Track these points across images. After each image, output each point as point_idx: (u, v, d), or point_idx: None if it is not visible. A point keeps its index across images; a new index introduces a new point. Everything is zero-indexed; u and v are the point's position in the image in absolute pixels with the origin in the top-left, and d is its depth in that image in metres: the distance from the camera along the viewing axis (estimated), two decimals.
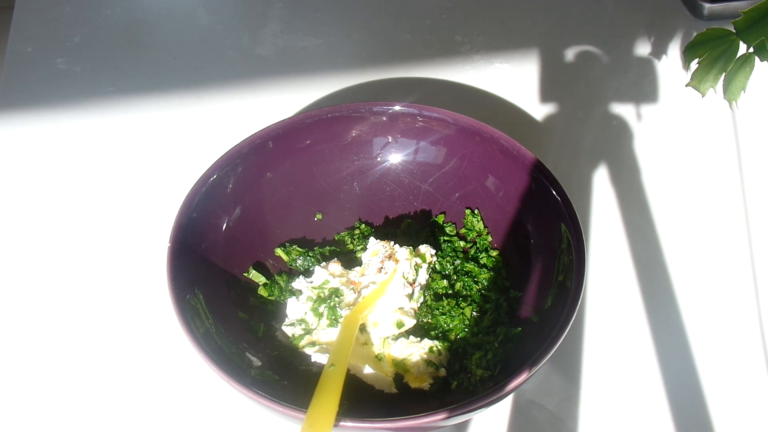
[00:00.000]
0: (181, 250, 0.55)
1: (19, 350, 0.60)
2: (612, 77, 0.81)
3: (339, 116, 0.64)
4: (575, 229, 0.56)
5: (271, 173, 0.63)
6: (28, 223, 0.68)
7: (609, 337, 0.61)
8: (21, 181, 0.71)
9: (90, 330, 0.61)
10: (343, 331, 0.55)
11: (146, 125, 0.76)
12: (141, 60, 0.82)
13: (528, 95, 0.79)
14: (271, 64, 0.82)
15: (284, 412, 0.47)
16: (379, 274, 0.58)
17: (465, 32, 0.85)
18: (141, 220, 0.68)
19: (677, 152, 0.74)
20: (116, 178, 0.71)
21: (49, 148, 0.74)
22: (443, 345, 0.57)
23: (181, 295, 0.53)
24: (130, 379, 0.58)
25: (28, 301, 0.63)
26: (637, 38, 0.84)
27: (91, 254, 0.66)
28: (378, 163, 0.66)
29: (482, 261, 0.62)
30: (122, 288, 0.63)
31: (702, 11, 0.85)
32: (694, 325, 0.62)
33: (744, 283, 0.65)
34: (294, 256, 0.63)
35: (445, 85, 0.80)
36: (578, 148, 0.75)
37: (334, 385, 0.49)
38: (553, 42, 0.84)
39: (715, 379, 0.59)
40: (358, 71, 0.81)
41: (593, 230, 0.68)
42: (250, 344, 0.56)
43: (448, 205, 0.66)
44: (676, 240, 0.67)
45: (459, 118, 0.63)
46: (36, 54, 0.82)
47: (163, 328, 0.61)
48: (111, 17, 0.87)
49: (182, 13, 0.88)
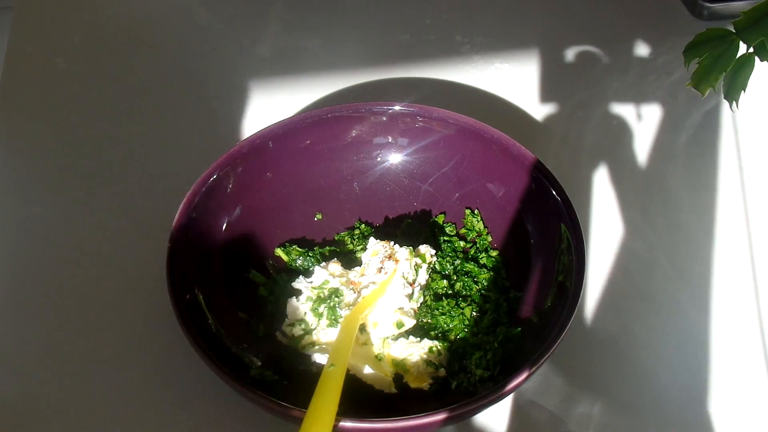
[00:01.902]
0: (180, 250, 0.55)
1: (19, 349, 0.60)
2: (612, 77, 0.81)
3: (339, 116, 0.64)
4: (575, 229, 0.56)
5: (271, 173, 0.63)
6: (28, 223, 0.68)
7: (609, 338, 0.61)
8: (21, 181, 0.71)
9: (89, 329, 0.61)
10: (342, 331, 0.55)
11: (146, 125, 0.76)
12: (141, 60, 0.82)
13: (528, 95, 0.79)
14: (271, 64, 0.82)
15: (284, 412, 0.47)
16: (378, 274, 0.58)
17: (465, 32, 0.85)
18: (140, 220, 0.68)
19: (677, 152, 0.74)
20: (116, 177, 0.71)
21: (49, 147, 0.74)
22: (443, 345, 0.57)
23: (181, 295, 0.53)
24: (130, 379, 0.58)
25: (28, 301, 0.63)
26: (637, 38, 0.84)
27: (91, 254, 0.66)
28: (378, 163, 0.66)
29: (482, 261, 0.62)
30: (122, 288, 0.63)
31: (702, 11, 0.84)
32: (695, 325, 0.62)
33: (744, 283, 0.65)
34: (294, 256, 0.63)
35: (446, 85, 0.80)
36: (578, 148, 0.75)
37: (334, 385, 0.49)
38: (554, 42, 0.84)
39: (715, 379, 0.59)
40: (358, 71, 0.81)
41: (593, 230, 0.68)
42: (250, 344, 0.57)
43: (448, 205, 0.66)
44: (676, 240, 0.67)
45: (459, 118, 0.63)
46: (36, 53, 0.82)
47: (163, 328, 0.61)
48: (111, 17, 0.87)
49: (182, 13, 0.88)
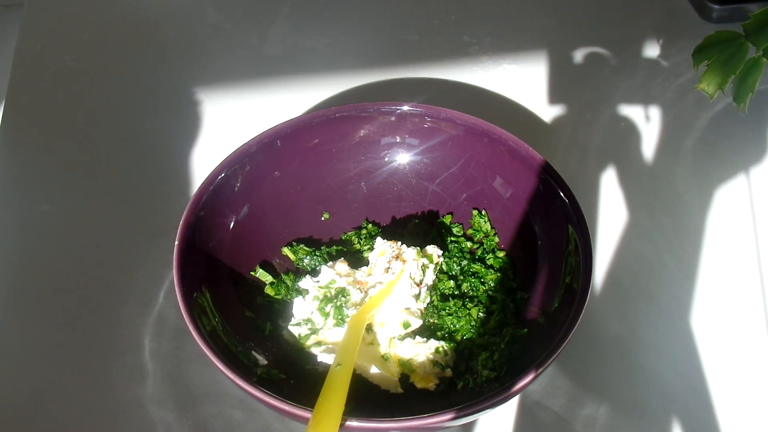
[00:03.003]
0: (188, 249, 0.55)
1: (25, 346, 0.60)
2: (620, 79, 0.81)
3: (347, 116, 0.64)
4: (583, 230, 0.56)
5: (279, 172, 0.63)
6: (36, 221, 0.68)
7: (616, 339, 0.61)
8: (29, 178, 0.72)
9: (96, 327, 0.61)
10: (349, 330, 0.55)
11: (154, 123, 0.76)
12: (149, 58, 0.82)
13: (536, 96, 0.79)
14: (279, 63, 0.82)
15: (290, 412, 0.47)
16: (386, 274, 0.58)
17: (473, 33, 0.85)
18: (148, 218, 0.68)
19: (685, 154, 0.74)
20: (124, 175, 0.72)
21: (57, 145, 0.74)
22: (449, 345, 0.57)
23: (189, 293, 0.53)
24: (137, 375, 0.58)
25: (35, 298, 0.63)
26: (646, 40, 0.84)
27: (99, 252, 0.66)
28: (386, 163, 0.66)
29: (489, 262, 0.62)
30: (129, 286, 0.63)
31: (711, 14, 0.84)
32: (701, 327, 0.62)
33: (752, 285, 0.65)
34: (301, 255, 0.63)
35: (453, 86, 0.80)
36: (586, 149, 0.75)
37: (341, 384, 0.49)
38: (562, 43, 0.84)
39: (721, 381, 0.59)
40: (366, 71, 0.81)
41: (600, 232, 0.68)
42: (257, 343, 0.57)
43: (456, 205, 0.66)
44: (683, 242, 0.67)
45: (467, 119, 0.63)
46: (45, 51, 0.83)
47: (170, 326, 0.61)
48: (120, 15, 0.87)
49: (191, 12, 0.88)
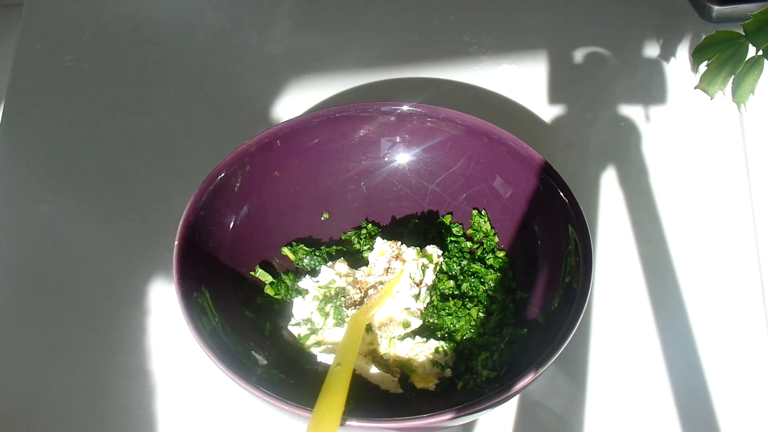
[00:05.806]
0: (188, 249, 0.55)
1: (25, 346, 0.60)
2: (620, 79, 0.81)
3: (347, 116, 0.64)
4: (582, 230, 0.56)
5: (279, 172, 0.63)
6: (35, 220, 0.68)
7: (615, 339, 0.61)
8: (28, 178, 0.72)
9: (96, 327, 0.61)
10: (349, 330, 0.55)
11: (154, 123, 0.76)
12: (149, 58, 0.82)
13: (536, 96, 0.79)
14: (279, 63, 0.82)
15: (290, 411, 0.47)
16: (385, 274, 0.58)
17: (473, 33, 0.85)
18: (148, 218, 0.68)
19: (685, 154, 0.74)
20: (123, 175, 0.71)
21: (57, 145, 0.74)
22: (449, 345, 0.57)
23: (188, 293, 0.53)
24: (137, 376, 0.58)
25: (35, 298, 0.63)
26: (646, 40, 0.84)
27: (98, 251, 0.66)
28: (385, 163, 0.66)
29: (489, 262, 0.62)
30: (129, 286, 0.63)
31: (711, 13, 0.84)
32: (701, 327, 0.62)
33: (751, 285, 0.65)
34: (301, 255, 0.63)
35: (453, 86, 0.80)
36: (586, 149, 0.75)
37: (340, 384, 0.49)
38: (562, 43, 0.84)
39: (721, 381, 0.59)
40: (366, 71, 0.81)
41: (600, 232, 0.68)
42: (257, 343, 0.57)
43: (456, 205, 0.66)
44: (683, 242, 0.67)
45: (467, 119, 0.63)
46: (45, 51, 0.82)
47: (170, 326, 0.61)
48: (119, 15, 0.87)
49: (191, 11, 0.88)
